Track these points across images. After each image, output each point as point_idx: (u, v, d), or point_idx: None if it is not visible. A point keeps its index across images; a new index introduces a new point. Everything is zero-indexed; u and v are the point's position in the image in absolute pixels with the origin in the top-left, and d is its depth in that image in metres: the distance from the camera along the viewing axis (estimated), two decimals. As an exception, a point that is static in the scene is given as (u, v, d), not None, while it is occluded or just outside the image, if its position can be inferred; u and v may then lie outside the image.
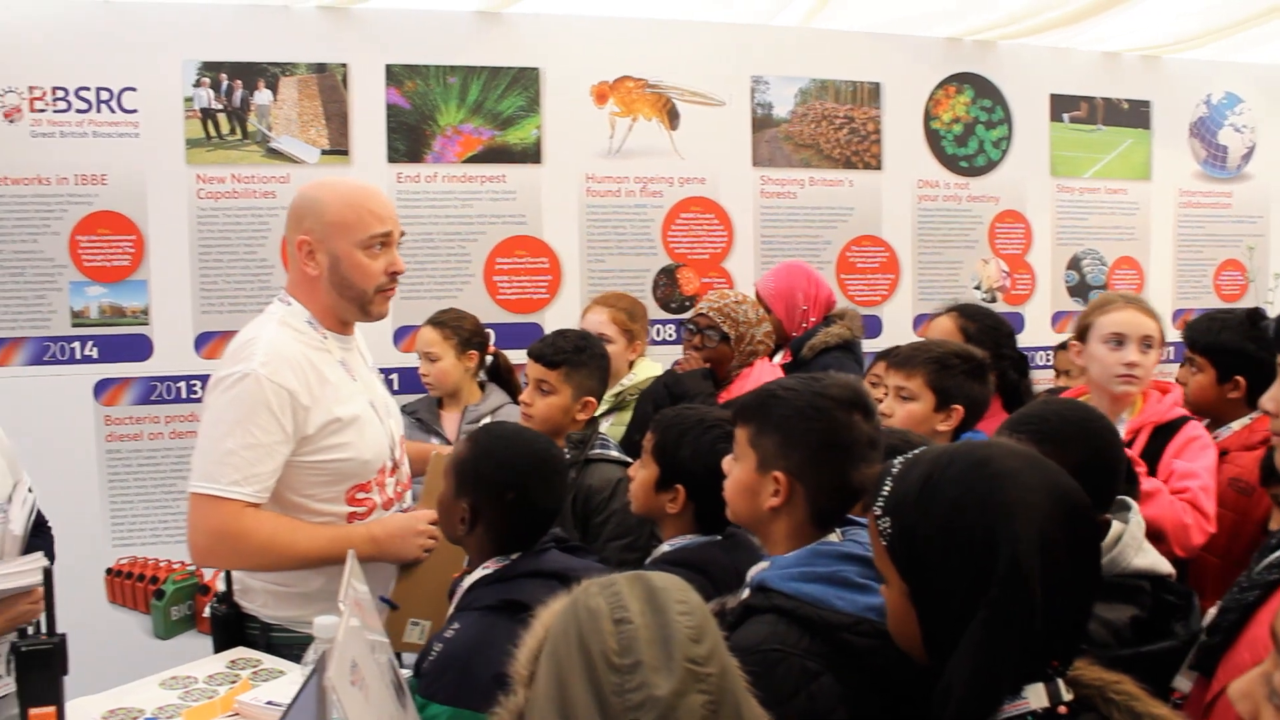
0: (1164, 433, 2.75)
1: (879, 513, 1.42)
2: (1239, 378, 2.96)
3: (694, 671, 1.16)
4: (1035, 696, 1.30)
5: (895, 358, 2.79)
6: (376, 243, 2.39)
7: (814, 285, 3.83)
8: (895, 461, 1.46)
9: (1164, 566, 2.02)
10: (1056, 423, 2.01)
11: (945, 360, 2.68)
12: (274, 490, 2.32)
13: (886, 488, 1.42)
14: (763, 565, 1.68)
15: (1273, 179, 5.30)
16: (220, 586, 2.51)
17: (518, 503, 2.05)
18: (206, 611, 2.57)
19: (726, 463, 1.81)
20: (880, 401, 3.00)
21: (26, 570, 2.17)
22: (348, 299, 2.41)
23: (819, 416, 1.69)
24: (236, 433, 2.25)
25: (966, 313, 3.22)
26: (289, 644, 2.36)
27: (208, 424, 2.32)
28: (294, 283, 2.46)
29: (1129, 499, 2.07)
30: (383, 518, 2.44)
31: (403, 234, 2.48)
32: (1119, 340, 2.78)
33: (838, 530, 1.69)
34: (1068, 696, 1.31)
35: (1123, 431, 2.68)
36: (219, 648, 2.44)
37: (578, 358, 2.92)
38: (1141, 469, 2.51)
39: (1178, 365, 3.38)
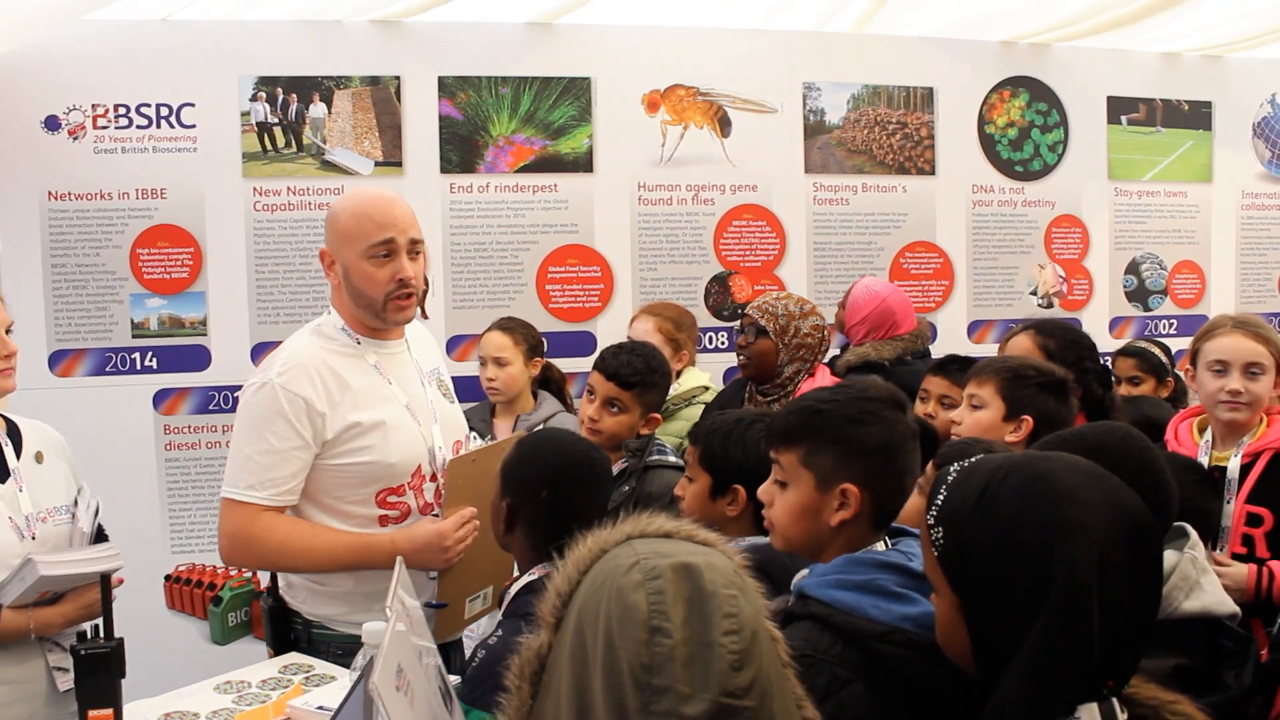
0: None
1: (931, 521, 1.36)
2: None
3: (728, 706, 1.05)
4: (1088, 716, 1.25)
5: (972, 369, 2.71)
6: (379, 251, 2.38)
7: (884, 322, 3.65)
8: (951, 469, 1.40)
9: (1223, 607, 1.89)
10: (1094, 441, 1.90)
11: (1021, 371, 2.58)
12: (306, 492, 2.39)
13: (941, 496, 1.37)
14: (805, 572, 1.66)
15: (1341, 180, 5.17)
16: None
17: (552, 501, 2.04)
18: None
19: (767, 492, 1.76)
20: (930, 416, 2.95)
21: (106, 557, 2.29)
22: (362, 306, 2.45)
23: (873, 420, 1.67)
24: (254, 440, 2.34)
25: (1044, 329, 3.03)
26: (326, 641, 2.44)
27: (235, 432, 2.43)
28: (332, 291, 2.53)
29: (1186, 525, 1.96)
30: (409, 528, 2.43)
31: (416, 241, 2.44)
32: (1223, 367, 2.67)
33: (885, 540, 1.67)
34: (1122, 717, 1.27)
35: (1239, 455, 2.62)
36: (270, 640, 2.52)
37: (651, 378, 2.92)
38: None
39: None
